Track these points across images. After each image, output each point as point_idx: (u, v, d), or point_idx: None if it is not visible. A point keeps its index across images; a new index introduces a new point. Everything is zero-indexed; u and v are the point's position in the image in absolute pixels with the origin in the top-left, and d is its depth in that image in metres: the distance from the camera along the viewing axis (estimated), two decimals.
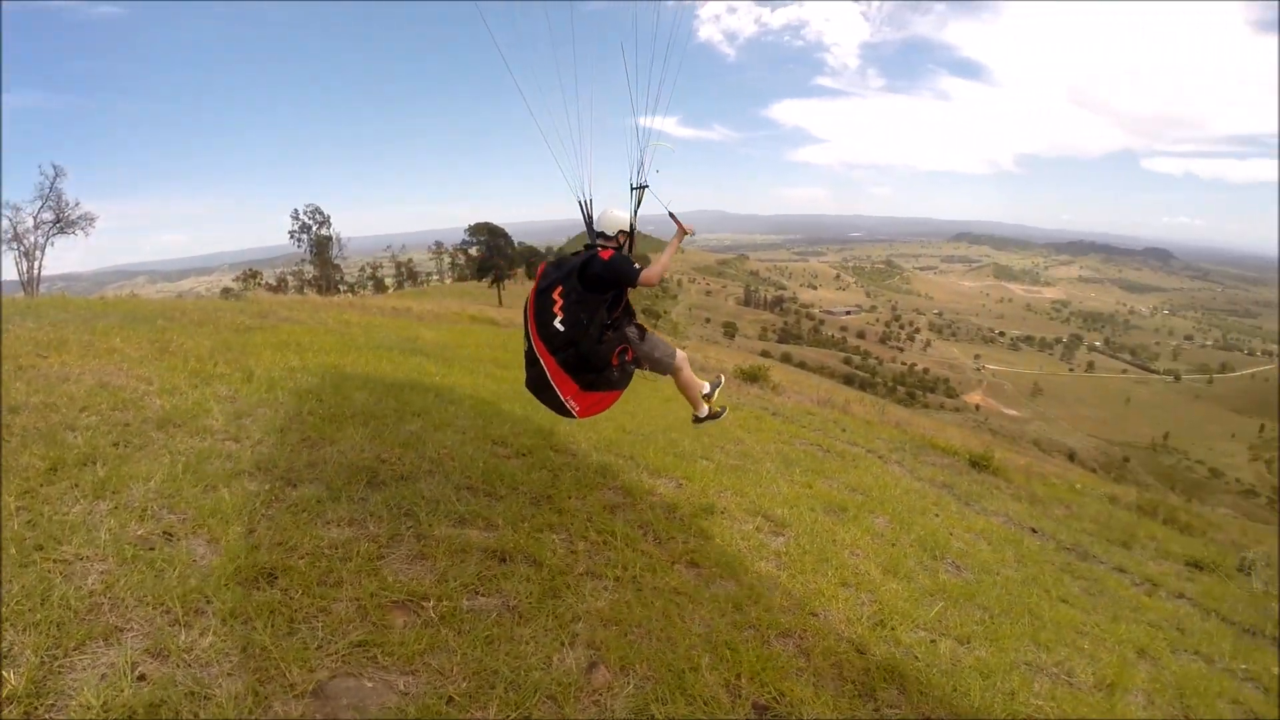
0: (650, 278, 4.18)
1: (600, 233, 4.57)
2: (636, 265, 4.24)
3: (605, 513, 5.10)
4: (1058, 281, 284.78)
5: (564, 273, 4.28)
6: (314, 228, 75.63)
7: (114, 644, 2.70)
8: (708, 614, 4.03)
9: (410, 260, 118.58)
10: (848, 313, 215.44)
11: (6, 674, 2.43)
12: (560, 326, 4.21)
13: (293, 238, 75.65)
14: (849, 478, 8.64)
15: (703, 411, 5.34)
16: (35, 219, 41.47)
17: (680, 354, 4.97)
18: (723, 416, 5.50)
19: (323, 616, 3.11)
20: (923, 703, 3.69)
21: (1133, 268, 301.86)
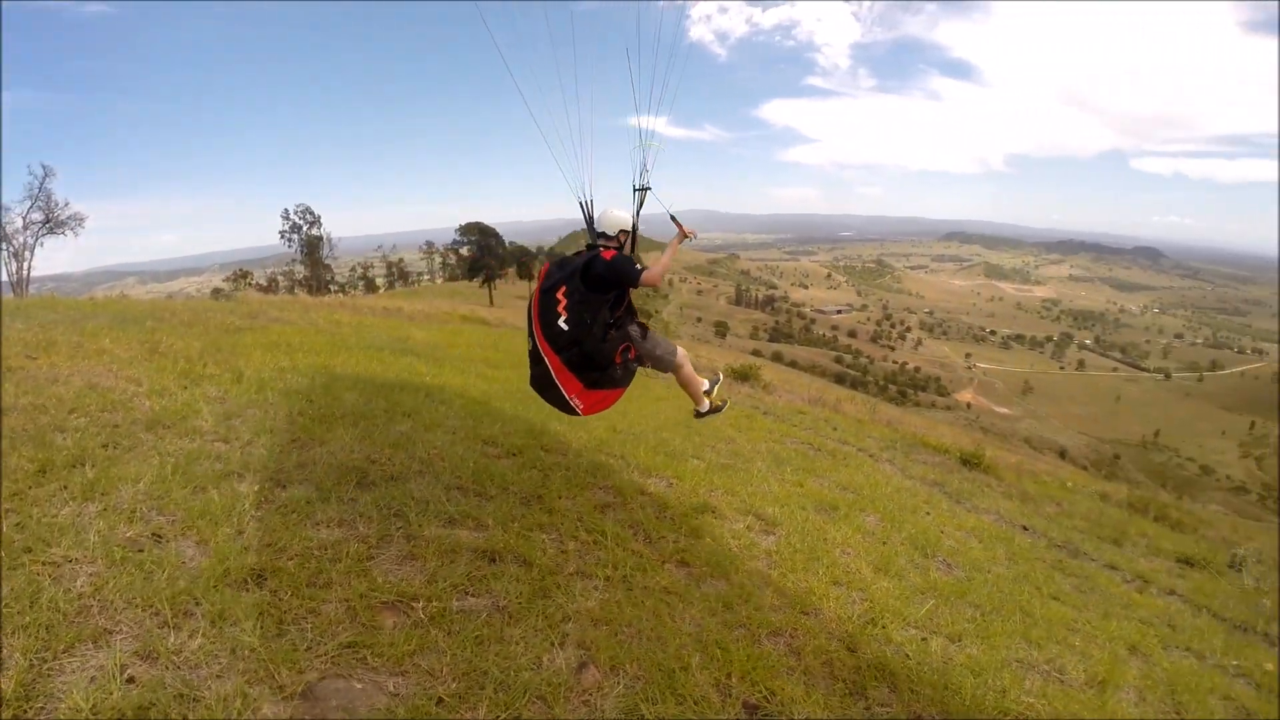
0: (652, 278, 4.20)
1: (601, 233, 4.58)
2: (639, 265, 4.27)
3: (596, 512, 5.10)
4: (1048, 280, 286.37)
5: (567, 273, 4.29)
6: (304, 228, 75.47)
7: (103, 646, 2.70)
8: (698, 613, 4.03)
9: (401, 260, 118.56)
10: (839, 312, 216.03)
11: None
12: (564, 326, 4.22)
13: (283, 238, 75.50)
14: (840, 476, 8.67)
15: (704, 406, 5.39)
16: (24, 219, 41.27)
17: (681, 351, 5.01)
18: (724, 410, 5.58)
19: (312, 618, 3.10)
20: (914, 701, 3.69)
21: (1123, 266, 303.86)
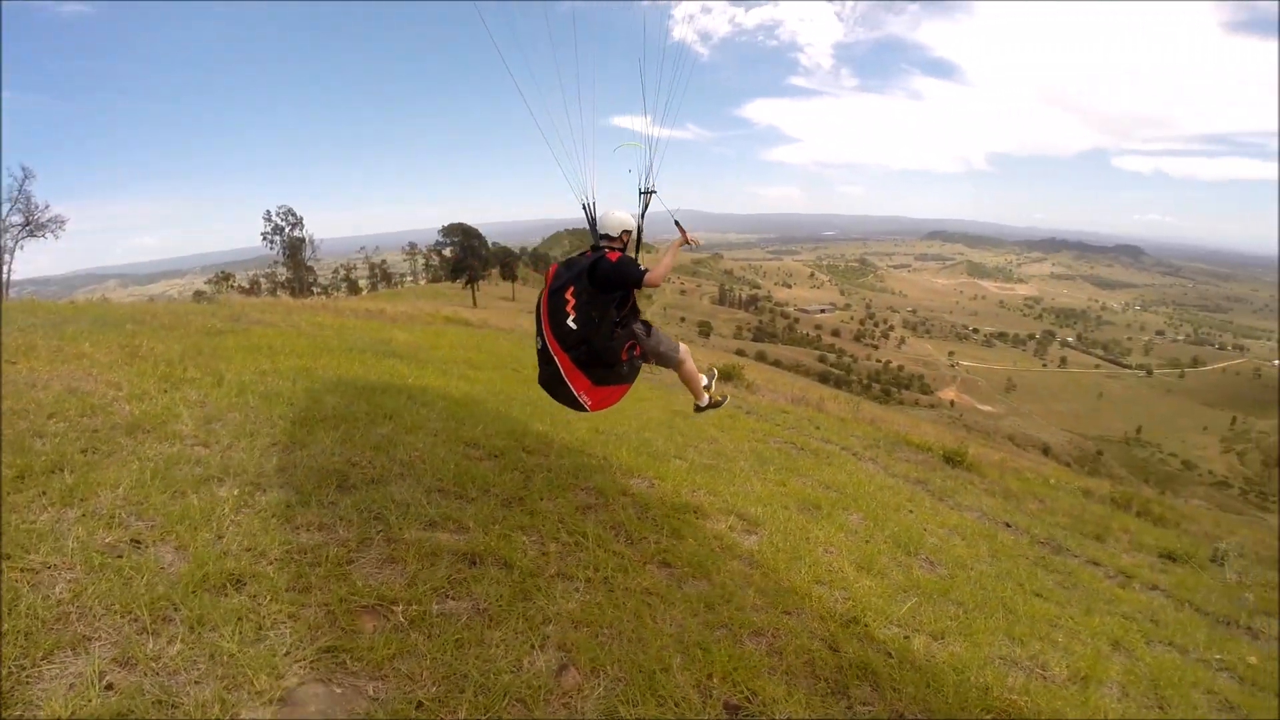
0: (654, 279, 4.37)
1: (604, 234, 4.71)
2: (643, 267, 4.44)
3: (577, 514, 5.11)
4: (1030, 279, 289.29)
5: (575, 273, 4.44)
6: (287, 229, 74.98)
7: (82, 653, 2.68)
8: (679, 614, 4.04)
9: (384, 262, 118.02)
10: (822, 311, 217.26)
11: None
12: (573, 325, 4.38)
13: (265, 239, 74.97)
14: (823, 475, 8.71)
15: (704, 401, 5.55)
16: (3, 222, 40.76)
17: (683, 347, 5.18)
18: (723, 405, 5.79)
19: (291, 622, 3.09)
20: (896, 699, 3.71)
21: (1104, 264, 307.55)
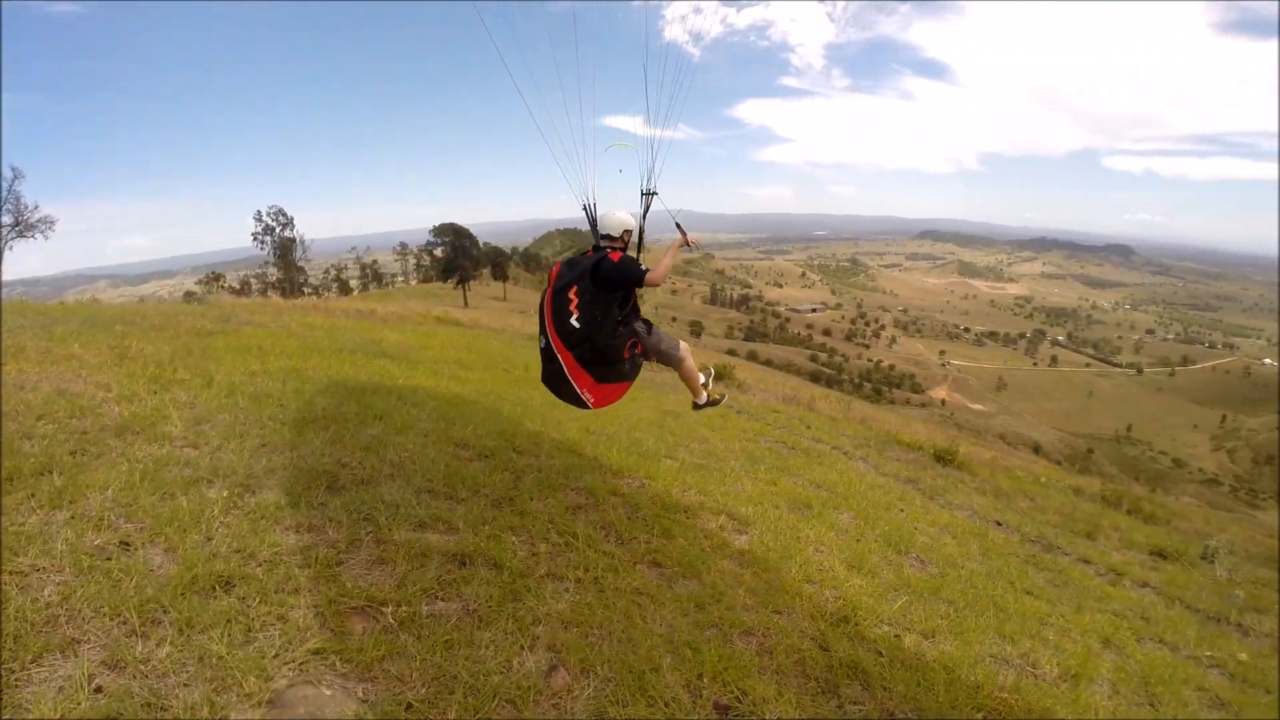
0: (654, 278, 4.46)
1: (606, 234, 4.78)
2: (644, 267, 4.52)
3: (567, 514, 5.13)
4: (1021, 278, 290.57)
5: (578, 273, 4.51)
6: (277, 229, 74.60)
7: (71, 656, 2.68)
8: (670, 614, 4.06)
9: (375, 262, 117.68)
10: (813, 310, 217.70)
11: None
12: (576, 324, 4.45)
13: (256, 240, 74.57)
14: (814, 474, 8.75)
15: (702, 398, 5.60)
16: None
17: (683, 346, 5.26)
18: (721, 403, 5.84)
19: (280, 624, 3.10)
20: (886, 698, 3.73)
21: (1094, 264, 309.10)
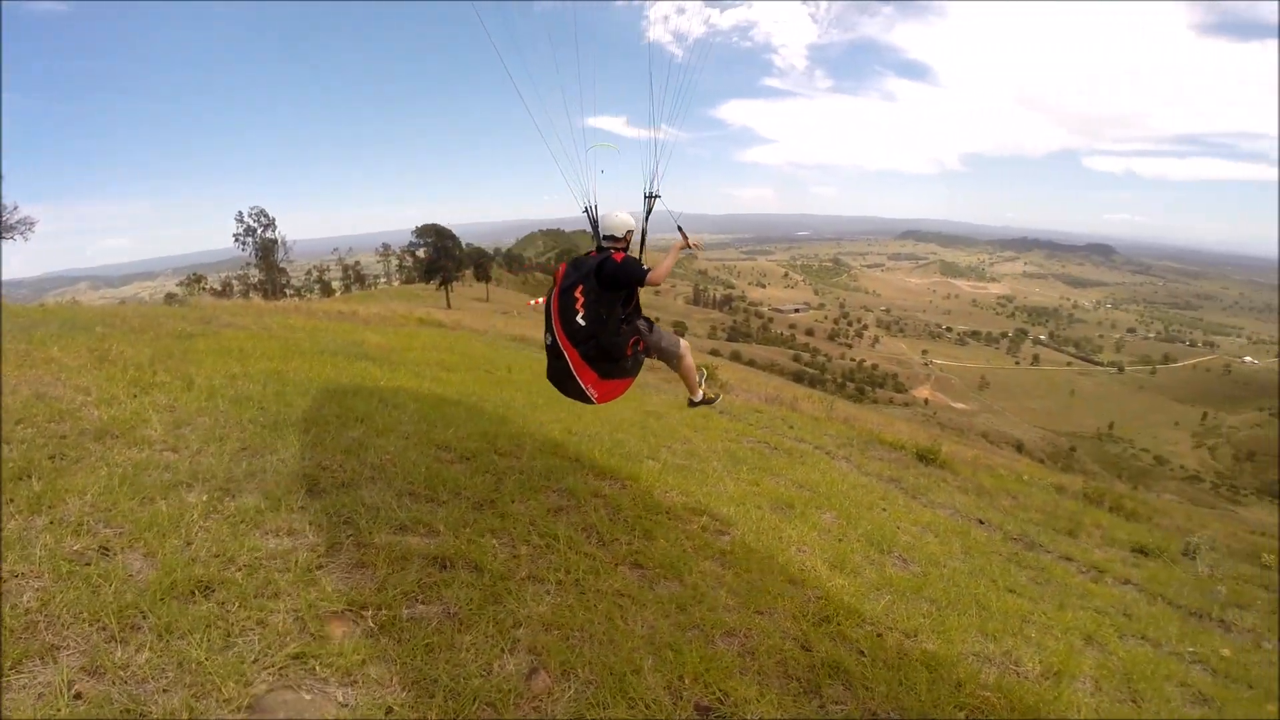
0: (655, 278, 4.57)
1: (609, 235, 4.90)
2: (646, 267, 4.64)
3: (549, 516, 5.15)
4: (1003, 277, 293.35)
5: (583, 273, 4.64)
6: (259, 230, 73.93)
7: (50, 662, 2.68)
8: (651, 615, 4.09)
9: (358, 263, 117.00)
10: (796, 310, 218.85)
11: None
12: (582, 321, 4.58)
13: (237, 241, 73.89)
14: (796, 474, 8.78)
15: (698, 396, 5.69)
16: None
17: (684, 343, 5.36)
18: (716, 403, 5.97)
19: (260, 629, 3.10)
20: (869, 698, 3.75)
21: (1075, 263, 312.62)
